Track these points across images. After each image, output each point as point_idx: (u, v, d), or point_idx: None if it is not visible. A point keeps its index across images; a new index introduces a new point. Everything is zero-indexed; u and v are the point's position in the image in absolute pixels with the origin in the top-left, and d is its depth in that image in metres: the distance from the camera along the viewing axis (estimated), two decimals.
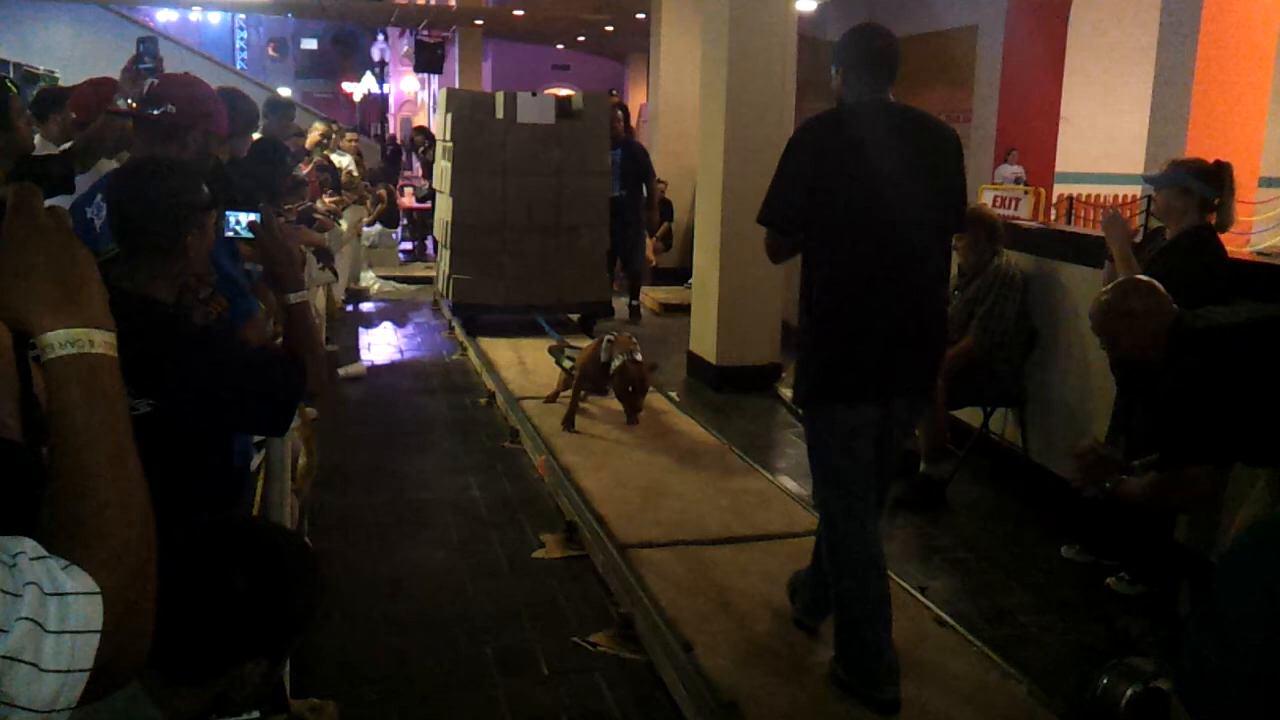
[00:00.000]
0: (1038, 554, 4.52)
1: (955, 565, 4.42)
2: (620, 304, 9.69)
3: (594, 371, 5.56)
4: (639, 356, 5.35)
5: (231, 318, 2.78)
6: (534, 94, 8.55)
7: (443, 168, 9.00)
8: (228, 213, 2.55)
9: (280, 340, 2.55)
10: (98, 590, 0.92)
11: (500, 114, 8.39)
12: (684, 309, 8.50)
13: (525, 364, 7.38)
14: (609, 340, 5.54)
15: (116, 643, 0.93)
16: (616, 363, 5.31)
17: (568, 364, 6.10)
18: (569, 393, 5.98)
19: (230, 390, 2.22)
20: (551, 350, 6.62)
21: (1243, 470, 3.41)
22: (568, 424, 5.67)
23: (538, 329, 7.80)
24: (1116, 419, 4.38)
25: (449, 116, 8.59)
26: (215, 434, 2.30)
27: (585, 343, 6.44)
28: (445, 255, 8.85)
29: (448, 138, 8.66)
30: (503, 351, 7.79)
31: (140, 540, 1.00)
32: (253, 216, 2.50)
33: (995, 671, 3.33)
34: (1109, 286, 3.48)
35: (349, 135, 11.85)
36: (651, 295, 10.55)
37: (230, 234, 2.56)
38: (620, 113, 9.34)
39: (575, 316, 8.80)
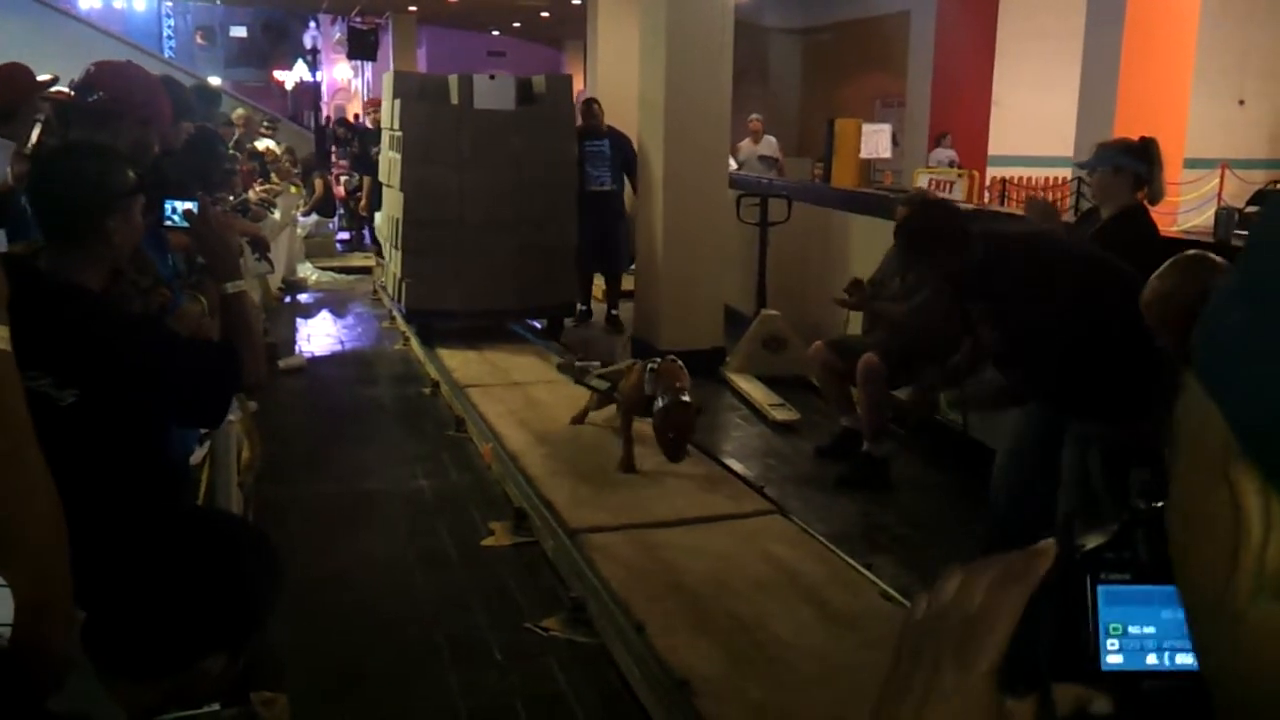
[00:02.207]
0: (978, 529, 4.61)
1: (899, 541, 4.51)
2: (599, 310, 9.08)
3: (640, 406, 4.81)
4: (687, 397, 4.62)
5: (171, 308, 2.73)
6: (492, 76, 7.79)
7: (390, 159, 8.17)
8: (165, 201, 2.51)
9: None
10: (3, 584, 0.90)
11: (455, 99, 7.66)
12: (628, 294, 8.50)
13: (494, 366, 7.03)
14: (653, 370, 4.77)
15: (33, 633, 0.91)
16: (661, 402, 4.59)
17: (598, 384, 5.39)
18: (602, 415, 5.50)
19: (160, 379, 2.17)
20: (563, 368, 6.07)
21: None
22: (626, 467, 4.90)
23: (501, 334, 7.52)
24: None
25: (396, 102, 7.81)
26: (147, 425, 2.26)
27: (594, 365, 5.87)
28: (395, 257, 8.05)
29: (395, 126, 7.86)
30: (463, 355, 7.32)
31: (46, 533, 0.97)
32: (189, 205, 2.47)
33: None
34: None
35: (271, 119, 11.67)
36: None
37: (168, 223, 2.52)
38: (596, 105, 8.75)
39: (542, 323, 8.18)
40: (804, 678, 3.18)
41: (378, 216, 9.71)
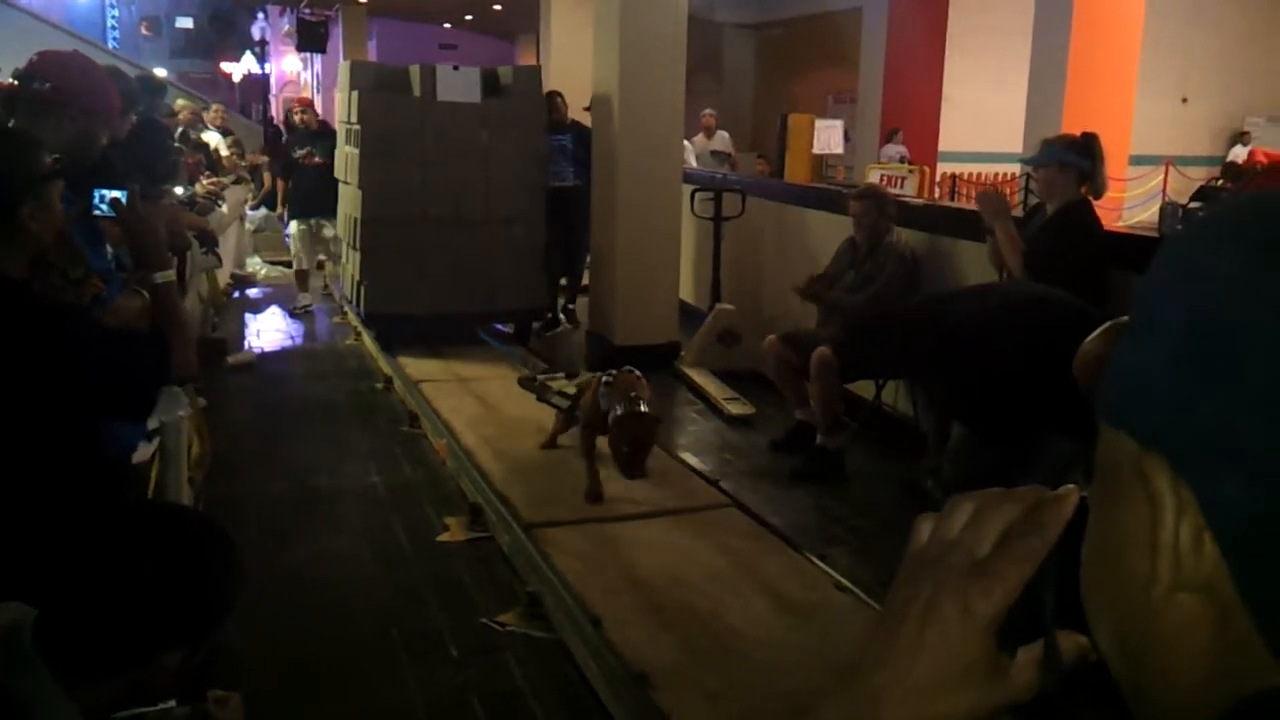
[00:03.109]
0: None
1: (853, 533, 4.54)
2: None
3: (599, 423, 4.42)
4: (644, 406, 4.23)
5: (107, 300, 2.68)
6: (455, 67, 7.37)
7: (347, 154, 7.66)
8: (96, 190, 2.47)
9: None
10: None
11: (416, 91, 7.26)
12: (583, 289, 8.48)
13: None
14: (606, 382, 4.44)
15: None
16: (616, 412, 4.22)
17: (559, 402, 4.97)
18: (572, 437, 4.91)
19: (82, 368, 2.12)
20: (524, 383, 5.49)
21: None
22: (592, 497, 4.47)
23: (464, 339, 7.24)
24: None
25: (353, 94, 7.34)
26: (74, 416, 2.19)
27: (559, 378, 5.46)
28: (353, 258, 7.58)
29: (352, 119, 7.41)
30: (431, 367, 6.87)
31: None
32: (116, 194, 2.43)
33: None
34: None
35: (214, 107, 11.42)
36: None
37: (97, 212, 2.48)
38: (560, 99, 8.51)
39: (510, 327, 7.84)
40: (760, 668, 3.20)
41: (293, 225, 9.25)
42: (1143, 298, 0.50)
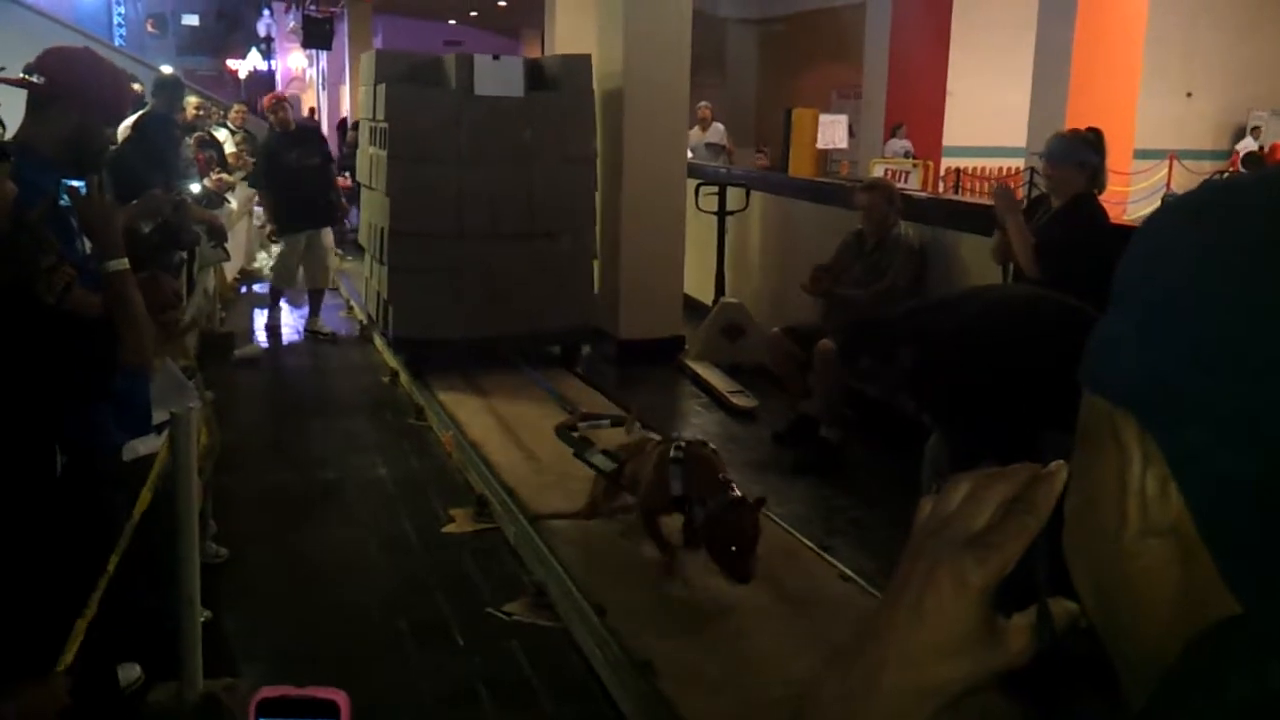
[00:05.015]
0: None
1: (855, 524, 4.57)
2: None
3: (663, 503, 3.68)
4: (736, 490, 3.45)
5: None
6: (496, 57, 6.65)
7: (372, 156, 6.88)
8: (62, 182, 2.51)
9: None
10: None
11: (451, 84, 6.44)
12: None
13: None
14: (676, 459, 3.60)
15: None
16: (701, 509, 3.46)
17: (602, 463, 4.09)
18: (608, 505, 4.15)
19: (23, 351, 2.12)
20: (561, 433, 4.52)
21: None
22: (667, 569, 3.76)
23: (497, 365, 6.48)
24: None
25: (379, 88, 6.56)
26: (22, 403, 2.18)
27: (603, 424, 4.72)
28: (380, 272, 6.78)
29: (377, 115, 6.63)
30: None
31: None
32: (75, 184, 2.46)
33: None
34: None
35: (236, 107, 11.45)
36: None
37: (61, 203, 2.51)
38: None
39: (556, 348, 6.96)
40: (763, 658, 3.23)
41: (274, 248, 8.75)
42: (1120, 274, 0.55)
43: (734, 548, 3.35)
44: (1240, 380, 0.47)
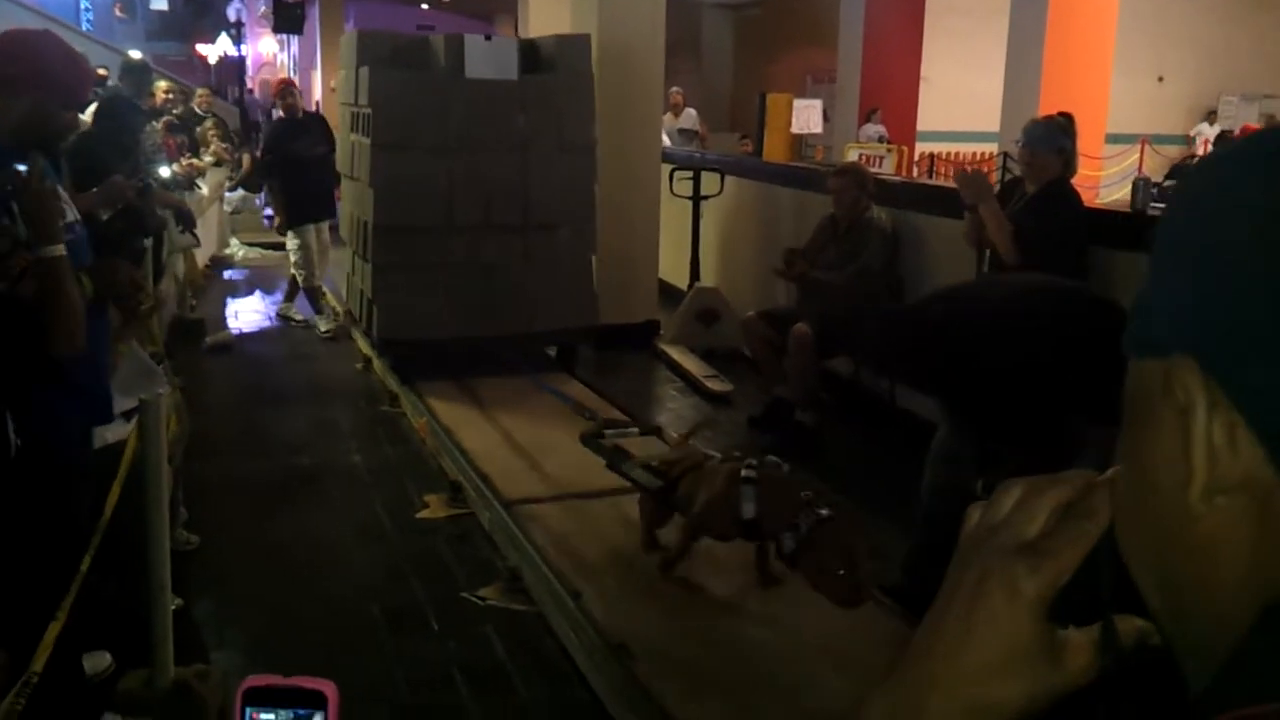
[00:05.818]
0: (906, 494, 4.71)
1: (831, 507, 4.57)
2: None
3: (730, 527, 3.36)
4: (824, 510, 3.09)
5: None
6: (488, 37, 6.28)
7: (354, 144, 6.46)
8: (14, 166, 2.47)
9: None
10: None
11: (440, 66, 6.04)
12: None
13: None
14: (750, 480, 3.25)
15: None
16: (792, 536, 3.07)
17: (645, 479, 3.70)
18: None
19: None
20: (588, 441, 4.09)
21: None
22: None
23: (491, 367, 6.12)
24: None
25: (361, 71, 6.11)
26: None
27: (630, 433, 4.32)
28: (363, 269, 6.34)
29: (359, 100, 6.19)
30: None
31: None
32: (19, 167, 2.44)
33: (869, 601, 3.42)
34: None
35: (200, 92, 11.31)
36: None
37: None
38: None
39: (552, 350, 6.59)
40: (738, 641, 3.24)
41: (291, 238, 8.02)
42: (1163, 230, 0.52)
43: (841, 571, 3.01)
44: None
